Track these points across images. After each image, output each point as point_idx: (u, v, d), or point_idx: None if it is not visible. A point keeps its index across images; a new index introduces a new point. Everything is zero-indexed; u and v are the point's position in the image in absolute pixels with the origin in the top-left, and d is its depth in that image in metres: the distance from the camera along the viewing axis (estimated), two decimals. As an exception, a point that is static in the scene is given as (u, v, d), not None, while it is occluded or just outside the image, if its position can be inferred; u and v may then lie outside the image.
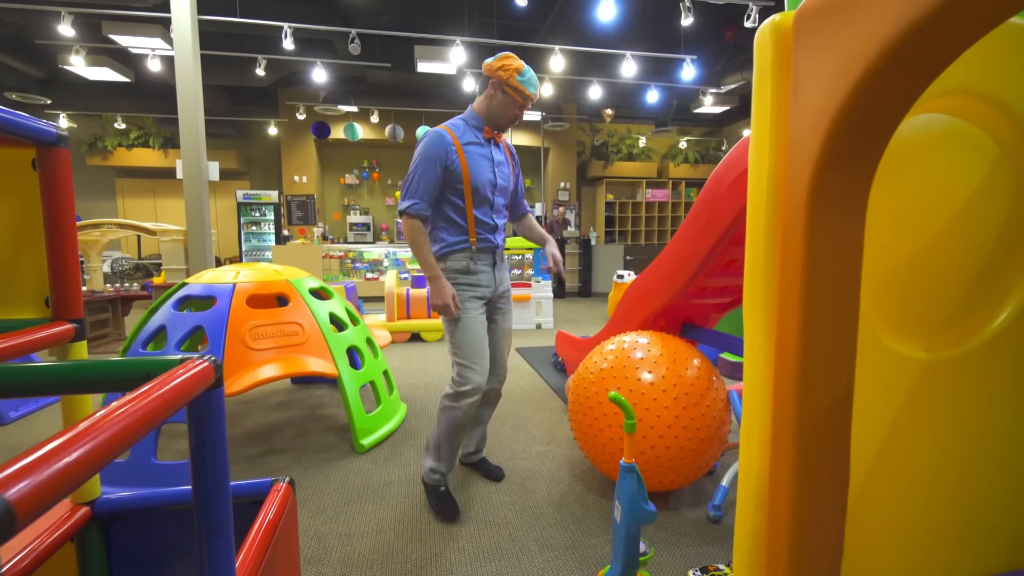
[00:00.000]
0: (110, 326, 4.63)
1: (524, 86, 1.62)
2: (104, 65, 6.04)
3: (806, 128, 0.50)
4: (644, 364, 1.64)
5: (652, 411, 1.56)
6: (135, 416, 0.54)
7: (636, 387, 1.60)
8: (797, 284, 0.51)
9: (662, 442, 1.55)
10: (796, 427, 0.53)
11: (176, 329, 2.04)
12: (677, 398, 1.57)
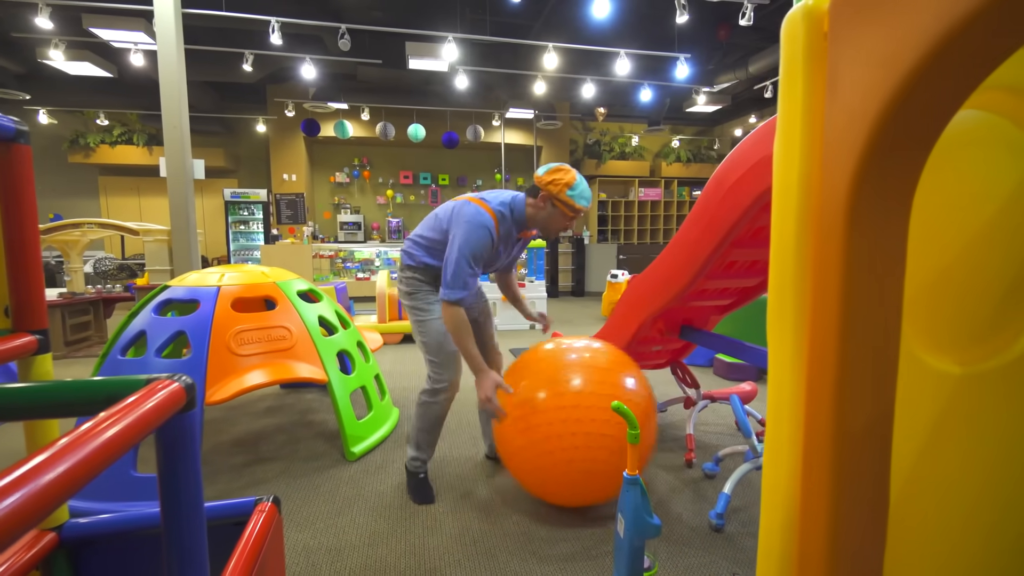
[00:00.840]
0: (91, 329, 4.51)
1: (575, 200, 1.59)
2: (85, 59, 5.87)
3: (845, 126, 0.45)
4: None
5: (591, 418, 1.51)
6: (96, 447, 0.47)
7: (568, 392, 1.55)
8: (834, 299, 0.46)
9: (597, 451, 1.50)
10: (833, 450, 0.48)
11: (157, 335, 1.95)
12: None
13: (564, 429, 1.49)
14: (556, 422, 1.49)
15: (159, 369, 1.88)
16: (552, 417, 1.51)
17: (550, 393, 1.55)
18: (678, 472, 2.04)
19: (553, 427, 1.50)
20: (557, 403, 1.52)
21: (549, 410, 1.52)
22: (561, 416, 1.50)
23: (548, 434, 1.50)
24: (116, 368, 1.92)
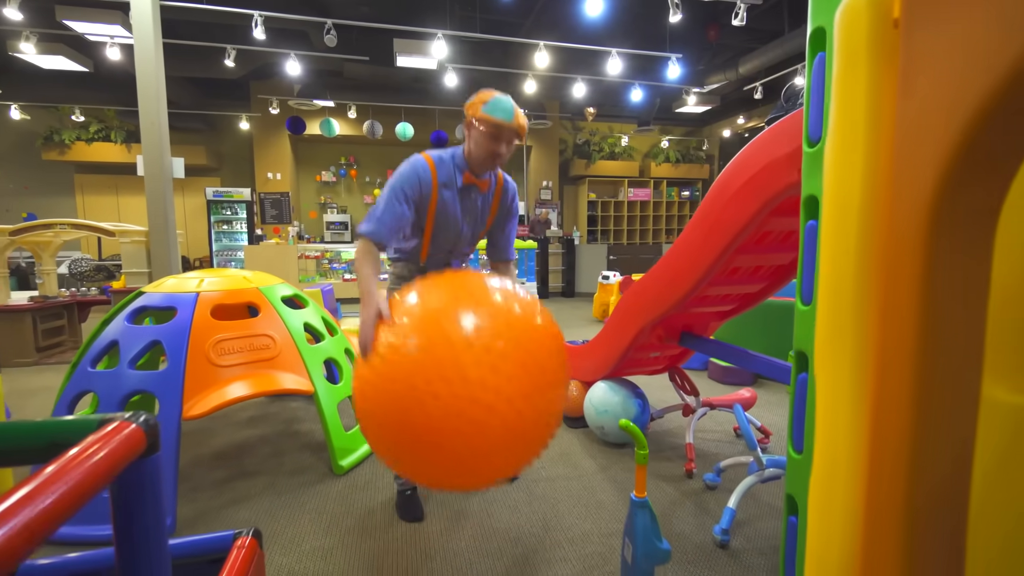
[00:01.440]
0: (65, 334, 4.33)
1: (491, 114, 1.40)
2: (59, 53, 5.65)
3: (925, 130, 0.38)
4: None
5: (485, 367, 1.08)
6: (33, 516, 0.39)
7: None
8: (909, 332, 0.40)
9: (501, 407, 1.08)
10: (905, 509, 0.42)
11: (130, 345, 1.84)
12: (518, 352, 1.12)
13: (431, 383, 1.07)
14: (422, 374, 1.09)
15: (132, 381, 1.77)
16: (415, 368, 1.10)
17: (426, 336, 1.12)
18: (678, 483, 1.98)
19: (415, 380, 1.09)
20: (431, 351, 1.10)
21: (414, 358, 1.11)
22: (431, 368, 1.09)
23: (411, 386, 1.09)
24: (86, 381, 1.80)
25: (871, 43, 0.43)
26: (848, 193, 0.46)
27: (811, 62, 1.10)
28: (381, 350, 1.14)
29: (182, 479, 2.01)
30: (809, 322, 1.13)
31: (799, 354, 1.17)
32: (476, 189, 1.57)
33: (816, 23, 1.07)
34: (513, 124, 1.43)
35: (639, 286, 1.93)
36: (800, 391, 1.17)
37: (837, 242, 0.48)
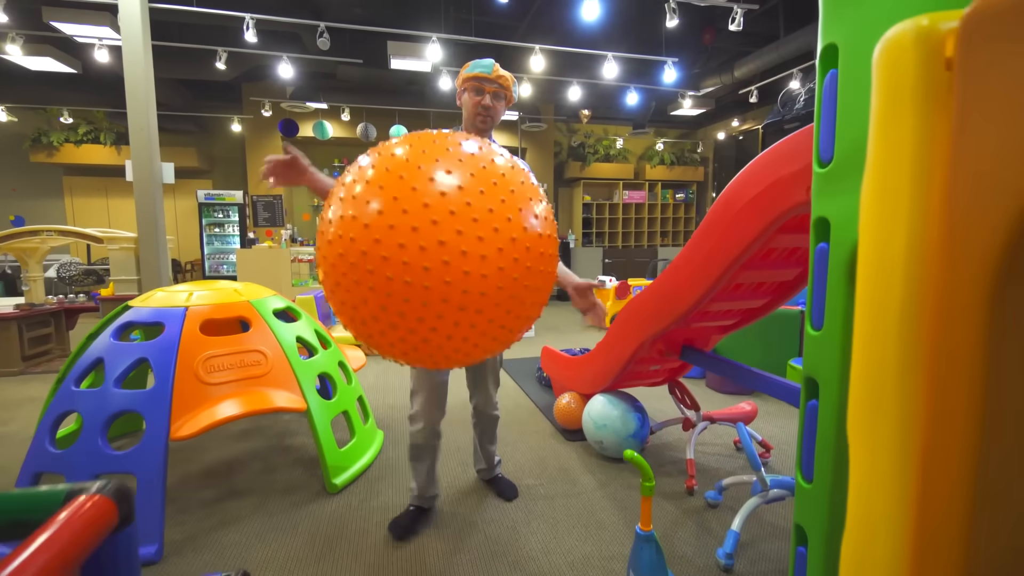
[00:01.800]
0: (52, 342, 4.24)
1: (470, 71, 1.52)
2: (46, 55, 5.55)
3: (986, 185, 0.35)
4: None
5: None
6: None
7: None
8: (964, 408, 0.36)
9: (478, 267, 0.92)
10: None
11: (116, 362, 1.78)
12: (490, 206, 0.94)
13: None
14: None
15: (117, 400, 1.71)
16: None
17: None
18: (679, 501, 1.94)
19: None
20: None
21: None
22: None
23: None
24: (70, 400, 1.74)
25: (919, 87, 0.39)
26: (892, 247, 0.42)
27: (822, 79, 1.07)
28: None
29: (170, 500, 1.95)
30: (820, 348, 1.10)
31: (809, 380, 1.13)
32: None
33: (827, 39, 1.04)
34: (491, 75, 1.50)
35: (638, 301, 1.89)
36: (810, 418, 1.14)
37: (878, 300, 0.44)
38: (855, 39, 0.98)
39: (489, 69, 1.50)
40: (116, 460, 1.64)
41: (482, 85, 1.51)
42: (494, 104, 1.53)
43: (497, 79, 1.50)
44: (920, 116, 0.38)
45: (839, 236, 1.04)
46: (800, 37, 5.15)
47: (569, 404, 2.56)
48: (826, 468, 1.11)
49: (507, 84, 1.53)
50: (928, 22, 0.39)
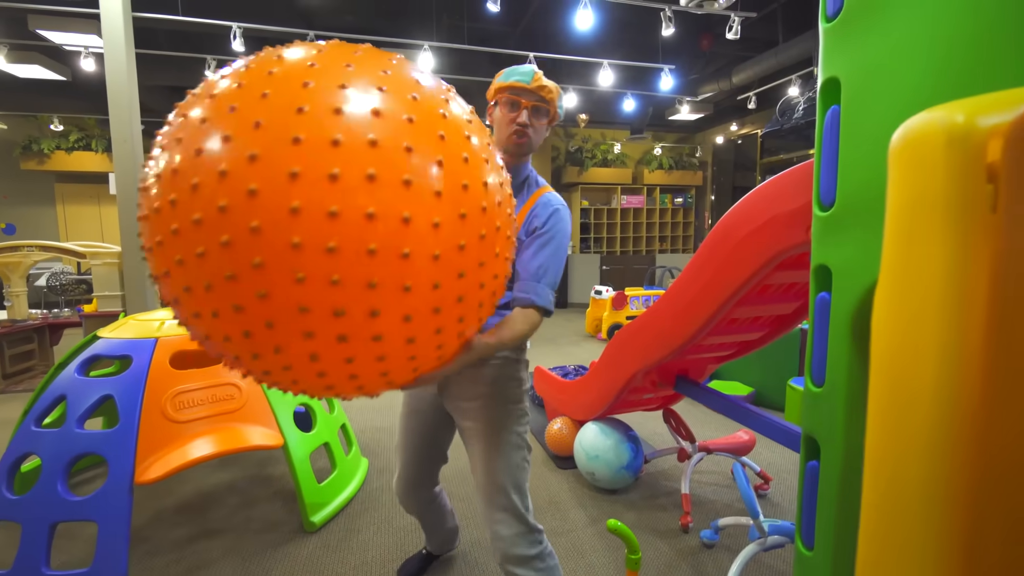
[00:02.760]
0: (35, 358, 4.15)
1: (505, 78, 1.18)
2: (35, 63, 5.46)
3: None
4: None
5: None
6: None
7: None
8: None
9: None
10: None
11: (79, 400, 1.68)
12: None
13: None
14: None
15: (78, 443, 1.62)
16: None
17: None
18: (673, 539, 1.85)
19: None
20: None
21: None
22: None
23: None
24: (30, 442, 1.65)
25: (953, 199, 0.30)
26: (914, 385, 0.33)
27: (822, 116, 0.98)
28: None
29: (140, 540, 1.86)
30: (821, 406, 1.01)
31: (809, 439, 1.04)
32: None
33: (829, 72, 0.95)
34: (530, 85, 1.14)
35: (630, 331, 1.81)
36: (810, 480, 1.05)
37: (895, 472, 0.35)
38: (860, 73, 0.89)
39: (528, 78, 1.15)
40: (76, 507, 1.54)
41: (518, 98, 1.15)
42: (533, 121, 1.16)
43: (538, 90, 1.15)
44: (953, 239, 0.29)
45: (842, 286, 0.95)
46: (799, 43, 5.07)
47: (561, 431, 2.47)
48: (828, 535, 1.02)
49: (551, 97, 1.17)
50: (964, 118, 0.30)
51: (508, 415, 1.17)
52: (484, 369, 1.17)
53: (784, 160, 7.88)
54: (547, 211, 1.14)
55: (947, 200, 0.30)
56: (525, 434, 1.21)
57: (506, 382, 1.18)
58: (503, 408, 1.17)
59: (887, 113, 0.85)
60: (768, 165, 8.36)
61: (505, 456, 1.15)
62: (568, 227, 1.16)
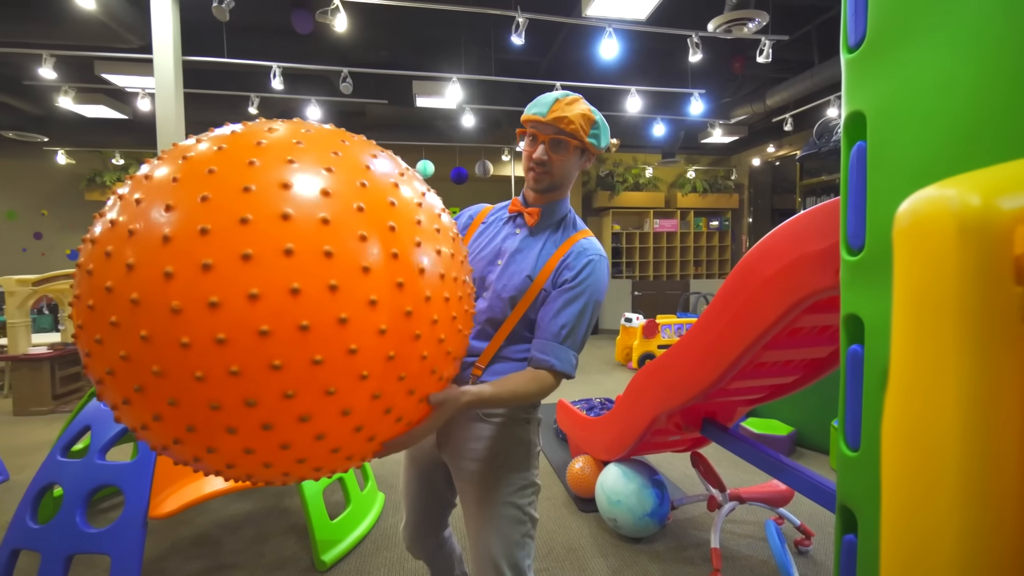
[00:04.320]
0: (83, 380, 4.35)
1: (525, 112, 1.07)
2: (99, 103, 5.94)
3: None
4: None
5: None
6: None
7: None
8: None
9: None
10: None
11: (102, 431, 1.72)
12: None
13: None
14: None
15: (99, 474, 1.65)
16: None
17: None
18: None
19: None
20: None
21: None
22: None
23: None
24: (55, 472, 1.69)
25: (968, 303, 0.23)
26: (931, 523, 0.26)
27: (847, 152, 0.90)
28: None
29: (154, 572, 1.87)
30: (857, 472, 0.90)
31: (844, 510, 0.93)
32: (521, 220, 1.10)
33: (853, 106, 0.88)
34: (547, 118, 1.00)
35: (651, 370, 1.71)
36: (847, 557, 0.93)
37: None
38: (887, 107, 0.81)
39: (545, 109, 1.02)
40: (92, 539, 1.56)
41: (536, 132, 1.03)
42: (553, 156, 1.03)
43: (555, 122, 1.00)
44: (973, 355, 0.22)
45: (876, 340, 0.85)
46: (836, 64, 4.91)
47: (583, 470, 2.36)
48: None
49: (571, 128, 1.00)
50: (981, 200, 0.23)
51: (508, 485, 1.03)
52: (483, 427, 1.04)
53: (826, 182, 7.58)
54: (581, 261, 1.02)
55: (962, 304, 0.23)
56: (530, 507, 1.05)
57: (510, 446, 1.05)
58: (503, 476, 1.03)
59: (920, 151, 0.77)
60: (809, 187, 8.06)
61: (501, 531, 1.02)
62: (604, 281, 1.03)
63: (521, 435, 1.06)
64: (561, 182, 1.07)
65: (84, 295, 0.64)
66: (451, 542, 1.43)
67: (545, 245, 1.06)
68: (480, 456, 1.04)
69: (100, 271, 0.62)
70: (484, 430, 1.05)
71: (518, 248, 1.07)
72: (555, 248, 1.05)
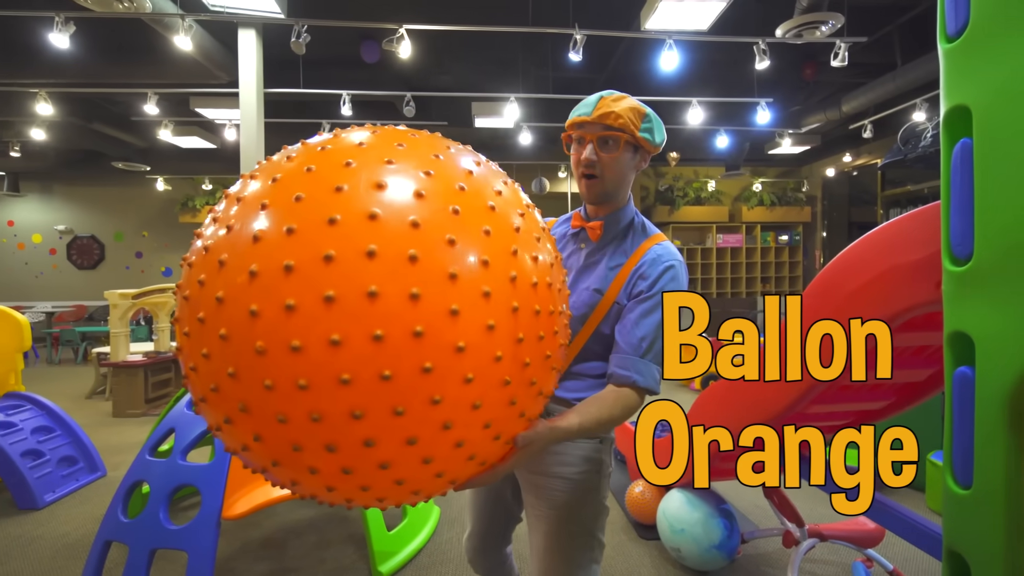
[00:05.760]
0: (171, 386, 4.75)
1: (571, 115, 1.01)
2: (193, 134, 6.59)
3: None
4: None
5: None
6: None
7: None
8: None
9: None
10: None
11: (185, 433, 1.86)
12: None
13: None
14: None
15: (181, 474, 1.76)
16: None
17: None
18: (778, 645, 1.56)
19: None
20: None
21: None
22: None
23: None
24: (144, 470, 1.83)
25: None
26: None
27: (948, 150, 0.81)
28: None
29: (225, 571, 1.96)
30: (969, 514, 0.79)
31: (953, 556, 0.82)
32: (584, 235, 1.06)
33: (954, 100, 0.79)
34: (593, 116, 0.95)
35: (715, 393, 1.61)
36: (959, 612, 0.81)
37: None
38: (996, 99, 0.72)
39: (590, 108, 0.97)
40: (173, 535, 1.67)
41: (582, 132, 0.98)
42: (602, 155, 0.97)
43: (601, 119, 0.94)
44: None
45: (990, 361, 0.75)
46: (922, 65, 4.53)
47: (643, 495, 2.25)
48: None
49: (620, 123, 0.94)
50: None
51: (582, 506, 1.00)
52: (561, 446, 1.00)
53: (911, 192, 6.97)
54: (657, 269, 0.95)
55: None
56: (599, 531, 1.02)
57: (587, 466, 1.00)
58: (578, 497, 0.99)
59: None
60: (892, 198, 7.45)
61: (568, 556, 0.99)
62: (684, 288, 0.96)
63: (593, 455, 1.02)
64: (616, 187, 1.01)
65: (194, 306, 0.64)
66: (511, 560, 1.39)
67: (613, 256, 1.00)
68: (552, 472, 1.00)
69: (211, 281, 0.62)
70: (557, 446, 1.00)
71: (584, 266, 1.03)
72: (625, 258, 0.99)
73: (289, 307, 0.56)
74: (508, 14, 4.38)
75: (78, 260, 9.44)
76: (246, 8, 3.63)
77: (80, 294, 9.41)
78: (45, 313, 8.68)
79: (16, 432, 2.68)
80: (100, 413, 4.41)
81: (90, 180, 9.11)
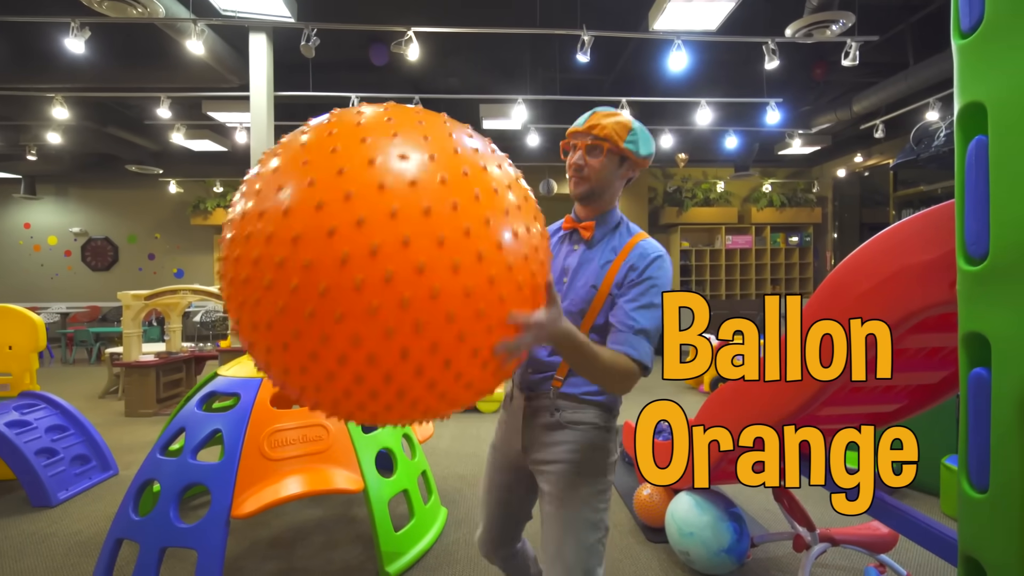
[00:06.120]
0: (183, 385, 4.80)
1: (568, 129, 1.16)
2: (205, 138, 6.68)
3: None
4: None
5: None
6: None
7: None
8: None
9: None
10: None
11: (195, 432, 1.87)
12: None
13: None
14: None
15: (190, 473, 1.78)
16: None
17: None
18: (789, 651, 1.54)
19: None
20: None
21: None
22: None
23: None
24: (155, 468, 1.85)
25: None
26: None
27: (963, 147, 0.80)
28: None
29: (234, 570, 1.98)
30: (984, 518, 0.77)
31: (969, 562, 0.80)
32: (577, 235, 1.17)
33: (968, 96, 0.78)
34: (583, 127, 1.10)
35: (723, 395, 1.60)
36: (974, 618, 0.80)
37: None
38: (1013, 95, 0.71)
39: (583, 121, 1.12)
40: (182, 534, 1.68)
41: (574, 141, 1.13)
42: (588, 160, 1.10)
43: (589, 129, 1.09)
44: None
45: (1007, 361, 0.73)
46: (934, 64, 4.47)
47: (651, 497, 2.23)
48: None
49: (604, 132, 1.07)
50: None
51: (588, 487, 1.08)
52: (567, 432, 1.10)
53: (924, 192, 6.87)
54: (644, 261, 1.08)
55: None
56: (604, 513, 1.09)
57: (591, 451, 1.09)
58: (584, 479, 1.08)
59: (1059, 142, 0.66)
60: (904, 198, 7.35)
61: (577, 535, 1.05)
62: (669, 276, 1.09)
63: (600, 442, 1.10)
64: (600, 188, 1.12)
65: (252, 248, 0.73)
66: (525, 547, 1.40)
67: (604, 253, 1.12)
68: (562, 458, 1.08)
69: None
70: (567, 435, 1.09)
71: (579, 263, 1.14)
72: (615, 255, 1.10)
73: (359, 222, 0.70)
74: (515, 16, 4.39)
75: (92, 262, 9.58)
76: (257, 12, 3.68)
77: (94, 295, 9.55)
78: (60, 314, 8.83)
79: (31, 431, 2.72)
80: (113, 412, 4.46)
81: (104, 183, 9.26)
